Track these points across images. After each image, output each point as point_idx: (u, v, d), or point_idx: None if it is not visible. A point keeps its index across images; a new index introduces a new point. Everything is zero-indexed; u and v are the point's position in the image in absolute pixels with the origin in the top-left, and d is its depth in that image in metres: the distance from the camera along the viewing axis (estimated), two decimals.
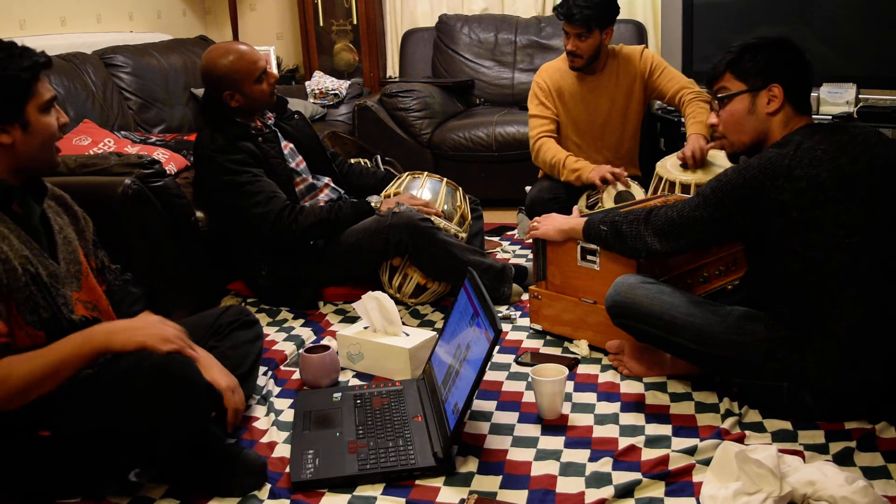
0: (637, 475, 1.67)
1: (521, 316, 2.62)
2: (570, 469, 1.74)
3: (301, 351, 2.27)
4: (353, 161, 3.22)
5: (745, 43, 1.91)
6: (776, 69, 1.86)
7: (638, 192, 2.98)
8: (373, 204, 2.70)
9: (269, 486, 1.71)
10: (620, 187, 2.95)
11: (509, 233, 3.66)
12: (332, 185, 2.93)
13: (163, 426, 1.55)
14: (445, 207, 2.81)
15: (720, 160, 2.85)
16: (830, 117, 3.23)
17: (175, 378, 1.53)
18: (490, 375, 2.20)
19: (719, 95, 1.94)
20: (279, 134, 2.81)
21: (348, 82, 4.60)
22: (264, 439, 1.91)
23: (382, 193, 2.87)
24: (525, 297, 2.73)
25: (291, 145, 2.86)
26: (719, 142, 2.01)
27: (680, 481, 1.66)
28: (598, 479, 1.68)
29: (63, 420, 1.55)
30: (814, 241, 1.77)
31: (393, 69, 4.96)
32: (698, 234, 1.93)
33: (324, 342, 2.41)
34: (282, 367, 2.32)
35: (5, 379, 1.47)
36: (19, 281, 1.53)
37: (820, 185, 1.74)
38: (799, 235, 1.77)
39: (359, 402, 2.01)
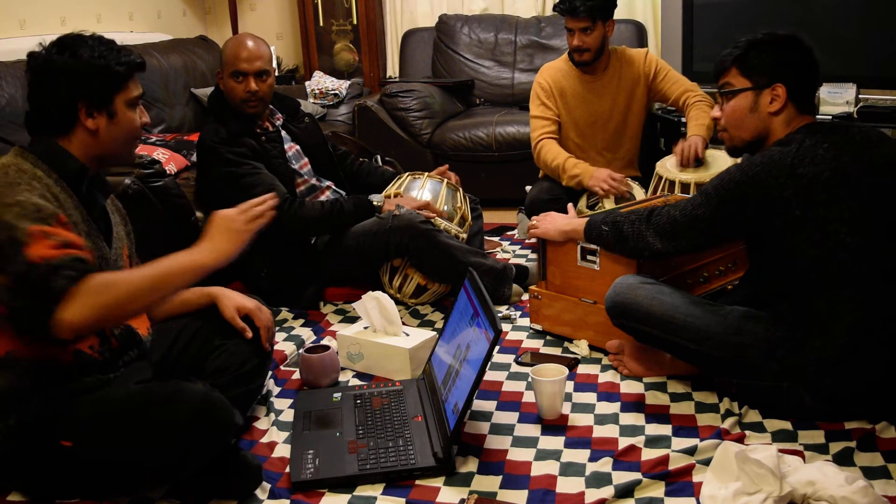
0: (637, 475, 1.67)
1: (521, 316, 2.62)
2: (570, 469, 1.74)
3: (301, 351, 2.27)
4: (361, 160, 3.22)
5: (753, 39, 1.91)
6: (781, 69, 1.86)
7: (638, 192, 2.98)
8: (374, 203, 2.70)
9: (269, 486, 1.71)
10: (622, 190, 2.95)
11: (509, 233, 3.66)
12: (335, 188, 2.92)
13: (191, 459, 1.59)
14: (445, 208, 2.81)
15: (720, 160, 2.85)
16: (830, 117, 3.22)
17: (212, 419, 1.57)
18: (490, 375, 2.20)
19: (723, 90, 1.95)
20: (285, 135, 2.81)
21: (348, 82, 4.60)
22: (264, 439, 1.91)
23: (383, 193, 2.87)
24: (525, 297, 2.73)
25: (297, 147, 2.85)
26: (720, 135, 2.01)
27: (680, 481, 1.66)
28: (598, 479, 1.68)
29: (87, 440, 1.57)
30: (816, 239, 1.77)
31: (393, 69, 4.96)
32: (701, 233, 1.93)
33: (324, 342, 2.41)
34: (282, 367, 2.31)
35: (112, 284, 1.52)
36: None
37: (822, 183, 1.74)
38: (801, 233, 1.77)
39: (359, 402, 2.01)
